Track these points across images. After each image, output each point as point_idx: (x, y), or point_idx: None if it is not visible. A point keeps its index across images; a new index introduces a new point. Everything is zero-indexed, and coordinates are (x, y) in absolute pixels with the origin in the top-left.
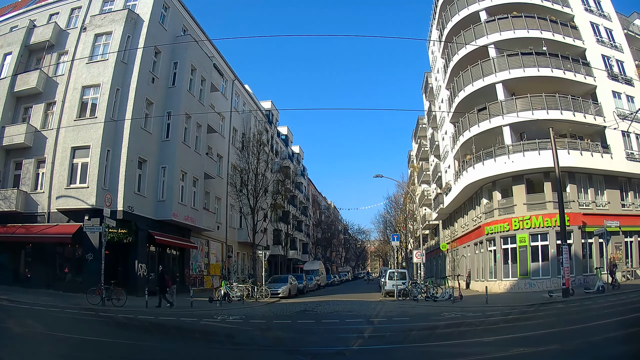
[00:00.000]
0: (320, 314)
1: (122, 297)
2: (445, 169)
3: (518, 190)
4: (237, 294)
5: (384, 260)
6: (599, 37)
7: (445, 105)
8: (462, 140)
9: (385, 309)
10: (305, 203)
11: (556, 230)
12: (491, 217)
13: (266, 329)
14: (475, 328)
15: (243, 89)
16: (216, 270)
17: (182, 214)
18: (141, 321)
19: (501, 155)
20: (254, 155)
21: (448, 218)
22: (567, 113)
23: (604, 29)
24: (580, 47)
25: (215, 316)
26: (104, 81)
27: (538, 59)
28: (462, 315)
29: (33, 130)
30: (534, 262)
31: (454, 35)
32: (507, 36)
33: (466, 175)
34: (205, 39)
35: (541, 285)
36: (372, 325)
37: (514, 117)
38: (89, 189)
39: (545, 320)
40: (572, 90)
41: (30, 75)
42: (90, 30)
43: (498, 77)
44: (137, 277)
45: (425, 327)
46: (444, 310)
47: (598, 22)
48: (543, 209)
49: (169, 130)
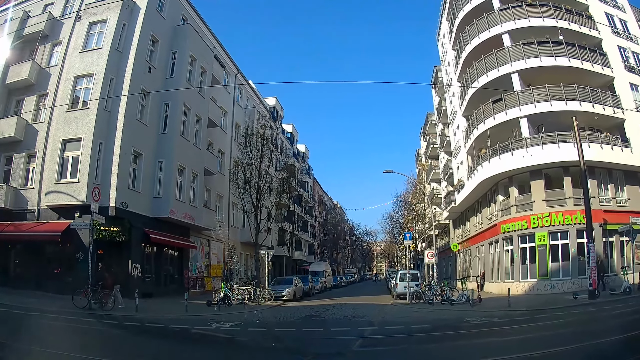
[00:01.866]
0: (329, 320)
1: (110, 300)
2: (457, 165)
3: (536, 186)
4: (237, 297)
5: (390, 262)
6: (614, 27)
7: (457, 99)
8: (476, 133)
9: (400, 314)
10: (311, 203)
11: (577, 228)
12: (508, 214)
13: (266, 340)
14: (511, 337)
15: (246, 84)
16: (217, 272)
17: (180, 211)
18: (124, 327)
19: (519, 148)
20: (257, 151)
21: (459, 217)
22: (586, 104)
23: (619, 20)
24: (596, 37)
25: (210, 322)
26: (98, 70)
27: (555, 48)
28: (489, 321)
29: (24, 123)
30: (553, 262)
31: (466, 24)
32: (522, 24)
33: (481, 171)
34: (206, 30)
35: (561, 286)
36: (389, 336)
37: (532, 108)
38: (80, 184)
39: (587, 327)
40: (590, 81)
41: (22, 66)
42: (85, 19)
43: (514, 67)
44: (131, 278)
45: (454, 338)
46: (465, 315)
47: (612, 12)
48: (563, 205)
49: (167, 123)
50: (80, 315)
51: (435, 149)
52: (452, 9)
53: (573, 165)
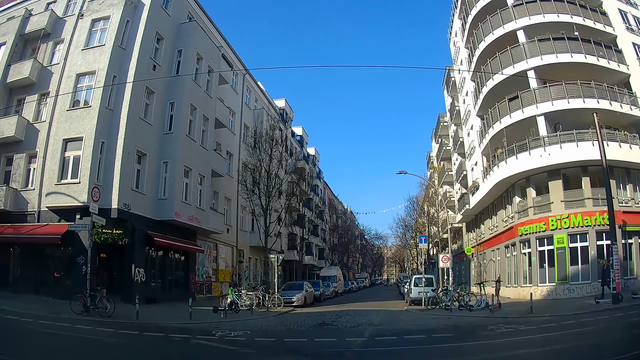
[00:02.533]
0: (342, 328)
1: (109, 306)
2: (472, 166)
3: (554, 187)
4: (245, 303)
5: (401, 266)
6: (628, 24)
7: (471, 98)
8: (491, 133)
9: (417, 321)
10: (322, 206)
11: (596, 230)
12: (525, 216)
13: (275, 353)
14: (545, 348)
15: (255, 85)
16: (225, 277)
17: (186, 213)
18: (118, 337)
19: (536, 147)
20: (266, 153)
21: (473, 220)
22: (603, 102)
23: (632, 17)
24: (611, 34)
25: (215, 331)
26: (100, 67)
27: (570, 44)
28: (515, 329)
29: (25, 122)
30: (572, 266)
31: (479, 21)
32: (536, 20)
33: (497, 171)
34: (213, 28)
35: (581, 290)
36: (411, 347)
37: (549, 106)
38: (81, 185)
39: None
40: (606, 78)
41: (23, 64)
42: (87, 16)
43: (529, 64)
44: (134, 282)
45: (482, 350)
46: (486, 321)
47: (626, 9)
48: (581, 206)
49: (172, 122)
50: (75, 322)
51: (448, 150)
52: (465, 6)
53: (592, 165)
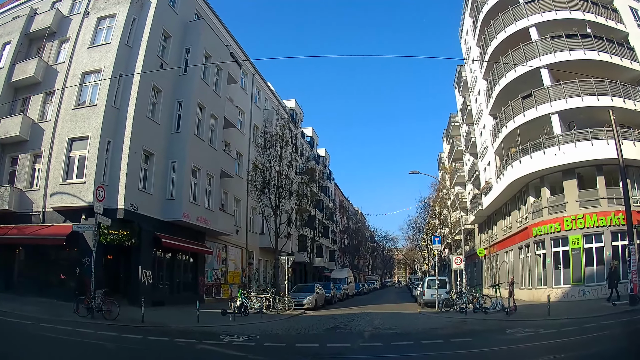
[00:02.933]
0: (356, 332)
1: (114, 309)
2: (484, 166)
3: (569, 186)
4: (255, 306)
5: (411, 268)
6: (639, 22)
7: (483, 97)
8: (505, 132)
9: (432, 324)
10: (332, 208)
11: (612, 230)
12: (539, 216)
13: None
14: (572, 353)
15: (265, 85)
16: (235, 279)
17: (195, 214)
18: (119, 341)
19: (550, 146)
20: (276, 153)
21: (485, 221)
22: (617, 100)
23: None
24: (623, 31)
25: (223, 336)
26: (106, 66)
27: (583, 42)
28: (535, 333)
29: (30, 122)
30: (587, 267)
31: (490, 18)
32: (548, 17)
33: (511, 171)
34: (221, 27)
35: (596, 292)
36: (431, 352)
37: (563, 104)
38: (86, 185)
39: None
40: (619, 76)
41: (28, 63)
42: (93, 14)
43: (543, 61)
44: (140, 284)
45: (506, 356)
46: (504, 325)
47: (636, 6)
48: (596, 206)
49: (180, 122)
50: (77, 325)
51: (460, 151)
52: (476, 3)
53: (606, 164)
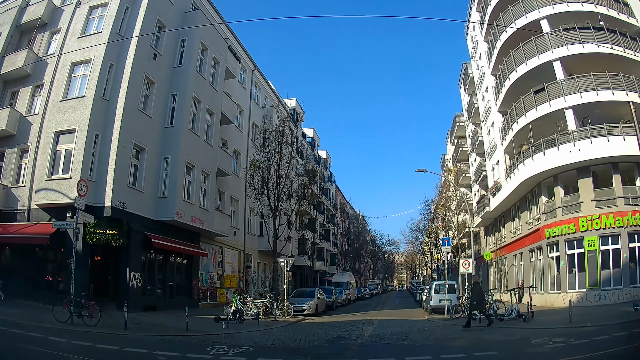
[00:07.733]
0: (363, 344)
1: (95, 314)
2: (492, 166)
3: (584, 185)
4: (251, 312)
5: (412, 272)
6: None
7: (491, 94)
8: (515, 128)
9: (446, 334)
10: (333, 211)
11: (628, 231)
12: (553, 217)
13: None
14: None
15: (264, 82)
16: (232, 282)
17: (188, 214)
18: (91, 353)
19: (565, 142)
20: (276, 151)
21: (492, 223)
22: (632, 94)
23: None
24: (634, 25)
25: (211, 347)
26: (96, 55)
27: (596, 34)
28: (566, 343)
29: (17, 115)
30: (604, 270)
31: (499, 11)
32: (560, 9)
33: (522, 169)
34: (219, 20)
35: (612, 297)
36: None
37: (577, 98)
38: (72, 180)
39: None
40: (632, 70)
41: (18, 55)
42: (85, 3)
43: (555, 54)
44: (129, 288)
45: None
46: (527, 335)
47: None
48: (613, 206)
49: (174, 115)
50: (52, 332)
51: (465, 152)
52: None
53: (622, 162)
